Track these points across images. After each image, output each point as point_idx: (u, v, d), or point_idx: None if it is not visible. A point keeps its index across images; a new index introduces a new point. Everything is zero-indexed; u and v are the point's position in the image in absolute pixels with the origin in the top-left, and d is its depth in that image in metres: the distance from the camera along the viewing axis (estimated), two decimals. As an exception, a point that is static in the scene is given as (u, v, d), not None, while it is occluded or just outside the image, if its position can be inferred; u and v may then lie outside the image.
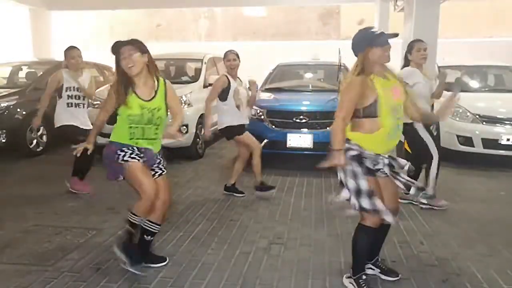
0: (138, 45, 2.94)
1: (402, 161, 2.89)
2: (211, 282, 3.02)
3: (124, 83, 2.95)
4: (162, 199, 3.08)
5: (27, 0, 11.23)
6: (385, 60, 2.75)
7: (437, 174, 4.51)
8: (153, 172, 3.09)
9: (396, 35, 2.87)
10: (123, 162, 2.96)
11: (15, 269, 3.19)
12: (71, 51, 4.96)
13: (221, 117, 4.88)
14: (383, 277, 3.06)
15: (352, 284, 2.90)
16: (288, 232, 3.94)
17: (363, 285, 2.84)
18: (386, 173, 2.82)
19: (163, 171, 3.16)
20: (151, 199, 2.98)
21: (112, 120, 3.12)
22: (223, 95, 4.78)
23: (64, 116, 4.94)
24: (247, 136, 4.87)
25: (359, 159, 2.71)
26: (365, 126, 2.72)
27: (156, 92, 3.03)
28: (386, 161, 2.81)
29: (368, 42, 2.71)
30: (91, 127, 4.61)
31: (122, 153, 2.97)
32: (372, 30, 2.79)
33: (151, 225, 3.11)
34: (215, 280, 3.05)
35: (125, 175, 3.00)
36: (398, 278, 3.05)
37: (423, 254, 3.49)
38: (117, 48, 2.92)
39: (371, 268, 3.09)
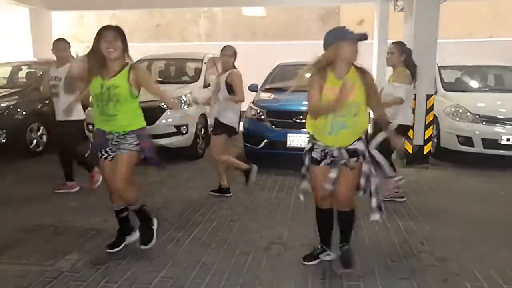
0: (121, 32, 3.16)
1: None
2: (211, 282, 3.02)
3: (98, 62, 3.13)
4: (109, 181, 3.32)
5: (27, 0, 11.21)
6: (350, 56, 2.86)
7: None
8: (105, 155, 3.29)
9: (364, 35, 2.87)
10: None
11: (15, 269, 3.20)
12: (54, 44, 4.97)
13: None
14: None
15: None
16: (288, 232, 3.93)
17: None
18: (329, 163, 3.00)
19: (109, 155, 3.28)
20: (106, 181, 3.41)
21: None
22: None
23: None
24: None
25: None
26: None
27: (118, 72, 3.15)
28: (335, 153, 2.97)
29: (339, 36, 2.85)
30: (63, 118, 4.78)
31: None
32: (342, 27, 2.94)
33: (113, 205, 3.47)
34: (215, 280, 3.05)
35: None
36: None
37: (423, 254, 3.49)
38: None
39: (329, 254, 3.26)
